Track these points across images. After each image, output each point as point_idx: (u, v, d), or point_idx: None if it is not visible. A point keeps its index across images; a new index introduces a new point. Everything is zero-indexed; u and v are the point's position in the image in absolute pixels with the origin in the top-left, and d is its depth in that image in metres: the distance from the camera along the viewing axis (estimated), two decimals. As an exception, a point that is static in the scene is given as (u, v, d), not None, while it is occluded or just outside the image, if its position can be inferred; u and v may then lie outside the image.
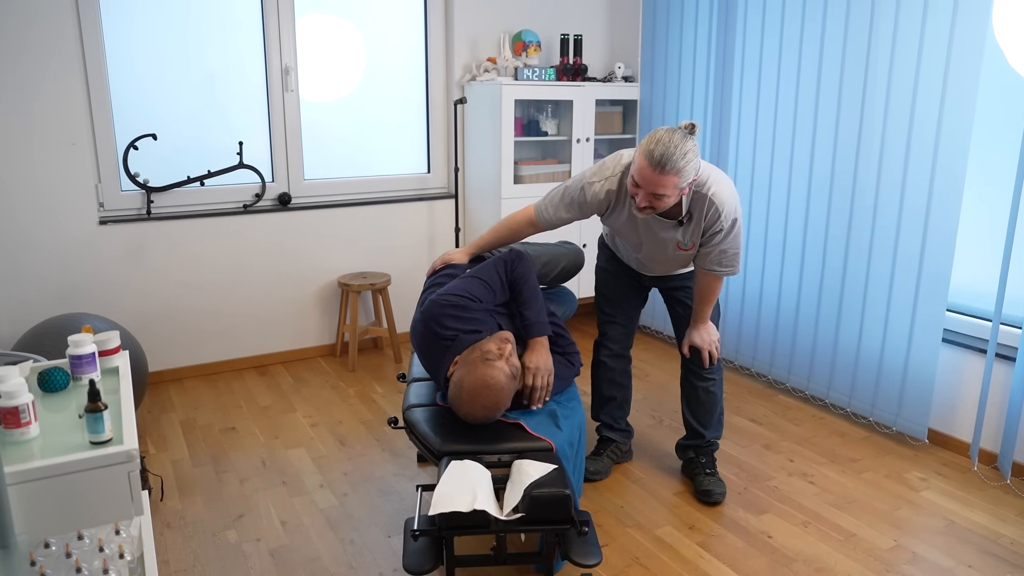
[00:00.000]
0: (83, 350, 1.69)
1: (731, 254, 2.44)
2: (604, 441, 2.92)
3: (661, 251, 2.53)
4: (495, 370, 2.10)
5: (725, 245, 2.42)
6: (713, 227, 2.38)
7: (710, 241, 2.42)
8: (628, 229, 2.52)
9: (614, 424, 2.91)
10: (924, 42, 2.88)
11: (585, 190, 2.45)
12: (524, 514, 1.89)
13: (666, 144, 2.15)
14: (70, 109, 3.31)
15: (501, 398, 2.12)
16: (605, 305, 2.85)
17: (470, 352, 2.17)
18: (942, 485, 2.80)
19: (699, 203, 2.35)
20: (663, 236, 2.46)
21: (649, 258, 2.61)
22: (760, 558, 2.35)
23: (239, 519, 2.57)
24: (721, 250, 2.43)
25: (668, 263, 2.61)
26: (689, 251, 2.49)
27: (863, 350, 3.28)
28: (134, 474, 1.37)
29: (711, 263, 2.47)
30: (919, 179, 2.96)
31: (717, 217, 2.34)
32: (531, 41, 4.22)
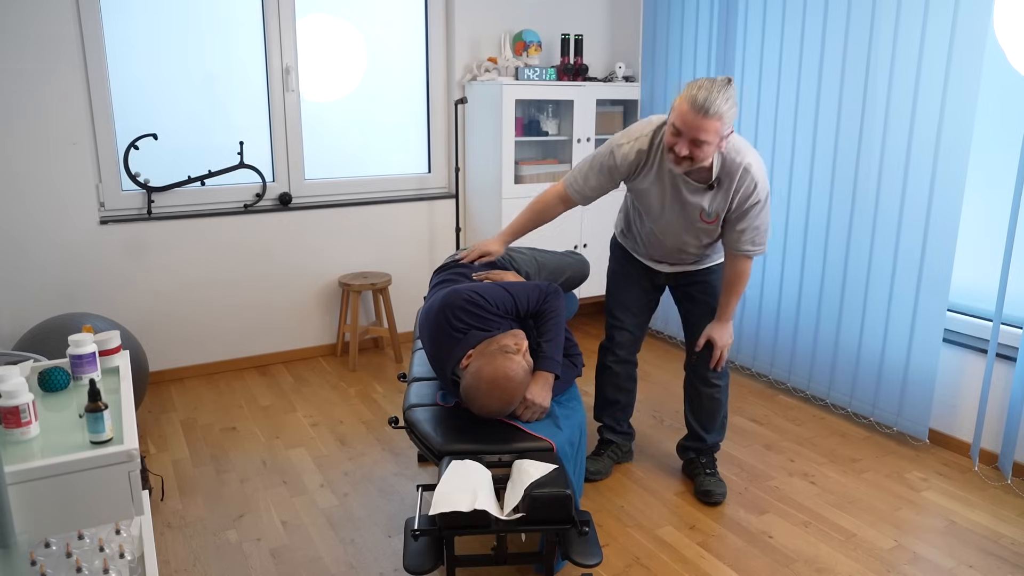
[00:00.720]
0: (83, 350, 1.69)
1: (763, 231, 2.39)
2: (605, 443, 2.91)
3: (682, 222, 2.44)
4: (514, 363, 2.12)
5: (759, 220, 2.36)
6: (750, 199, 2.32)
7: (745, 216, 2.35)
8: (654, 193, 2.43)
9: (616, 427, 2.89)
10: (925, 42, 2.88)
11: (615, 153, 2.43)
12: (524, 514, 1.89)
13: (708, 89, 2.14)
14: (71, 109, 3.31)
15: (518, 392, 2.13)
16: (616, 309, 2.77)
17: (487, 345, 2.18)
18: (943, 485, 2.80)
19: (732, 171, 2.29)
20: (690, 201, 2.38)
21: (667, 230, 2.50)
22: (761, 558, 2.34)
23: (240, 519, 2.57)
24: (755, 227, 2.37)
25: (686, 240, 2.50)
26: (711, 225, 2.40)
27: (864, 350, 3.27)
28: (134, 474, 1.37)
29: (745, 243, 2.40)
30: (920, 179, 2.96)
31: (753, 188, 2.30)
32: (532, 41, 4.22)
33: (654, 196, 2.46)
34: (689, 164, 2.21)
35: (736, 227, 2.39)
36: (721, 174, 2.31)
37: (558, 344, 2.32)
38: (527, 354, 2.20)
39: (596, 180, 2.49)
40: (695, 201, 2.38)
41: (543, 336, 2.33)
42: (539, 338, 2.34)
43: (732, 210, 2.36)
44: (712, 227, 2.42)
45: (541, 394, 2.24)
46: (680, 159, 2.22)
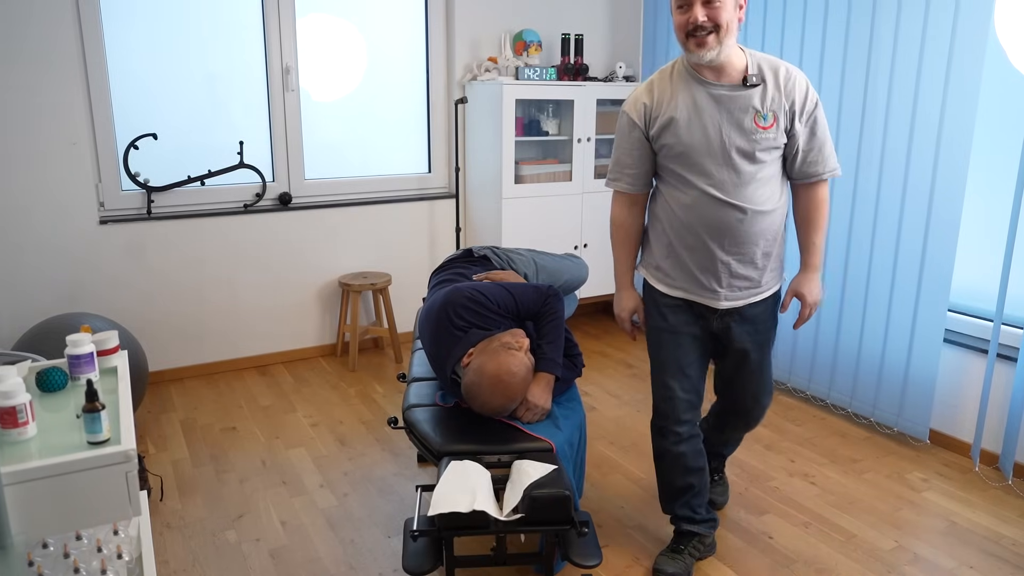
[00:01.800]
0: (81, 350, 1.68)
1: (831, 144, 2.07)
2: (683, 535, 2.30)
3: (734, 137, 1.97)
4: (517, 359, 2.12)
5: (821, 130, 2.03)
6: (808, 96, 1.99)
7: (816, 121, 2.02)
8: (685, 117, 1.99)
9: (694, 515, 2.28)
10: (926, 41, 2.87)
11: (626, 113, 2.11)
12: (524, 515, 1.89)
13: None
14: (70, 109, 3.31)
15: (520, 388, 2.13)
16: (666, 376, 2.19)
17: (488, 343, 2.18)
18: (943, 486, 2.80)
19: (773, 66, 1.98)
20: (737, 107, 1.96)
21: (719, 167, 1.99)
22: (761, 559, 2.34)
23: (239, 519, 2.56)
24: (823, 138, 2.03)
25: (751, 165, 1.98)
26: (769, 131, 1.96)
27: (864, 350, 3.27)
28: (132, 474, 1.36)
29: (827, 158, 2.05)
30: (920, 178, 2.96)
31: (806, 84, 1.99)
32: (532, 41, 4.21)
33: (690, 120, 1.99)
34: (715, 41, 1.88)
35: (812, 139, 2.02)
36: (759, 72, 1.97)
37: (558, 346, 2.31)
38: (528, 353, 2.20)
39: (628, 155, 2.12)
40: (743, 105, 1.97)
41: (544, 337, 2.33)
42: (539, 339, 2.33)
43: (797, 113, 1.99)
44: (772, 136, 1.97)
45: (542, 395, 2.23)
46: (698, 31, 1.87)
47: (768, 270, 2.11)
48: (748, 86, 1.96)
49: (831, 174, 2.07)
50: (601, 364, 4.04)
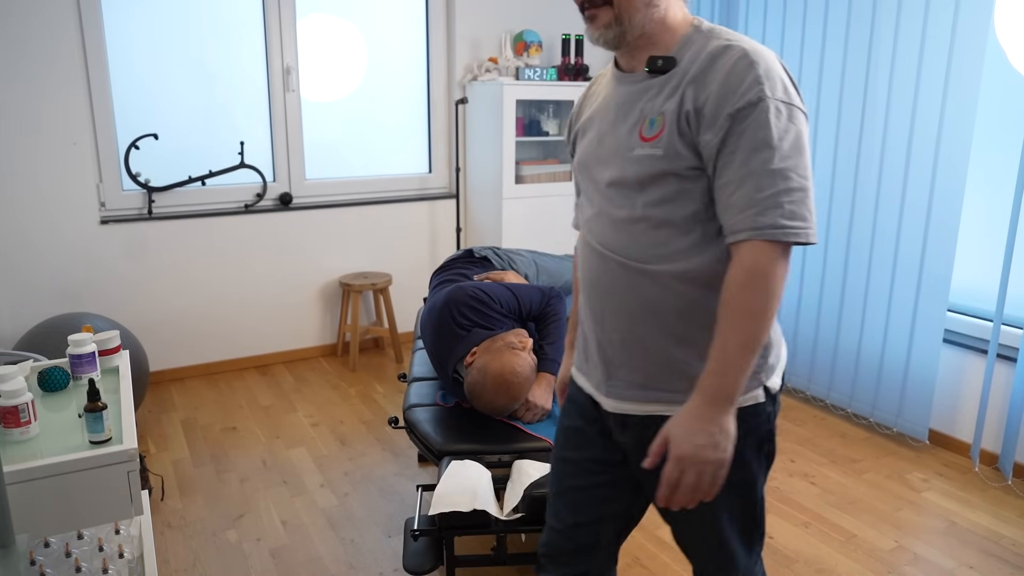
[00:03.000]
0: (83, 349, 1.69)
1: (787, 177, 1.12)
2: None
3: (615, 157, 1.27)
4: (520, 359, 2.13)
5: (749, 154, 1.12)
6: (729, 97, 1.13)
7: (736, 143, 1.13)
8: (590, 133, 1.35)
9: None
10: (925, 42, 2.87)
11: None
12: (524, 514, 1.89)
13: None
14: (71, 109, 3.31)
15: (524, 388, 2.14)
16: (553, 489, 1.47)
17: (492, 342, 2.19)
18: (943, 486, 2.80)
19: (701, 47, 1.20)
20: (625, 107, 1.27)
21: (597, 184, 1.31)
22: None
23: (240, 519, 2.57)
24: (753, 171, 1.12)
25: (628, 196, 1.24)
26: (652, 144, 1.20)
27: (864, 350, 3.27)
28: (133, 474, 1.37)
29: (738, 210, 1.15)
30: (920, 178, 2.96)
31: (743, 80, 1.13)
32: (532, 41, 4.22)
33: (587, 127, 1.37)
34: (609, 16, 1.22)
35: (728, 166, 1.15)
36: (679, 51, 1.22)
37: (560, 347, 2.32)
38: (531, 353, 2.21)
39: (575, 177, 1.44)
40: (632, 104, 1.26)
41: (545, 338, 2.33)
42: (541, 340, 2.34)
43: (704, 117, 1.16)
44: (656, 152, 1.20)
45: (543, 396, 2.24)
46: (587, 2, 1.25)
47: (685, 369, 1.25)
48: (650, 73, 1.24)
49: (757, 235, 1.12)
50: (601, 364, 4.04)
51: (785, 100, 1.14)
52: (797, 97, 1.18)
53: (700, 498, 1.17)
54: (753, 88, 1.13)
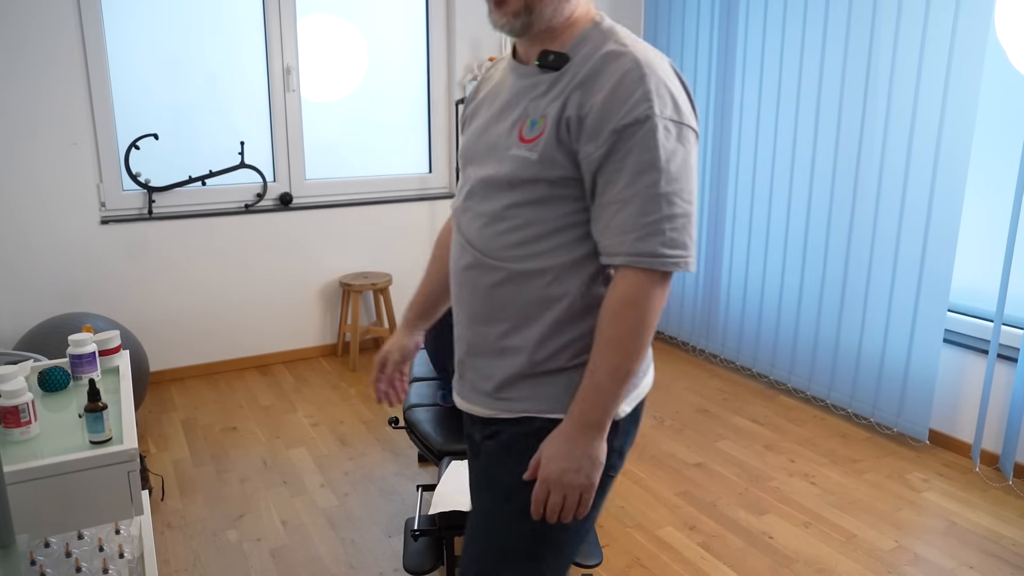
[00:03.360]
0: (83, 349, 1.69)
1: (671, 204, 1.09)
2: None
3: (491, 150, 1.22)
4: None
5: (633, 177, 1.08)
6: (615, 111, 1.08)
7: (620, 163, 1.09)
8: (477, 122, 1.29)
9: None
10: (926, 41, 2.87)
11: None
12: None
13: None
14: (72, 109, 3.31)
15: None
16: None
17: None
18: (943, 486, 2.80)
19: (593, 49, 1.15)
20: (511, 102, 1.22)
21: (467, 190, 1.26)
22: (761, 559, 2.34)
23: (240, 519, 2.57)
24: (635, 195, 1.08)
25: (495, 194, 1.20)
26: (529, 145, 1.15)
27: (864, 350, 3.27)
28: (134, 474, 1.37)
29: (613, 234, 1.12)
30: (921, 178, 2.96)
31: (632, 94, 1.08)
32: (532, 41, 4.22)
33: (475, 114, 1.32)
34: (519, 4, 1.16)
35: (609, 187, 1.11)
36: (573, 47, 1.17)
37: None
38: None
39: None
40: (519, 99, 1.21)
41: None
42: None
43: (586, 128, 1.11)
44: (530, 155, 1.15)
45: None
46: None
47: (520, 376, 1.22)
48: (541, 68, 1.19)
49: (633, 262, 1.10)
50: (601, 364, 4.04)
51: (675, 119, 1.10)
52: (690, 114, 1.13)
53: (567, 518, 1.18)
54: (641, 104, 1.07)
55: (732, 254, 3.90)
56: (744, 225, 3.80)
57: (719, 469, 2.90)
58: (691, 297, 4.21)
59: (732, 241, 3.89)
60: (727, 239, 3.92)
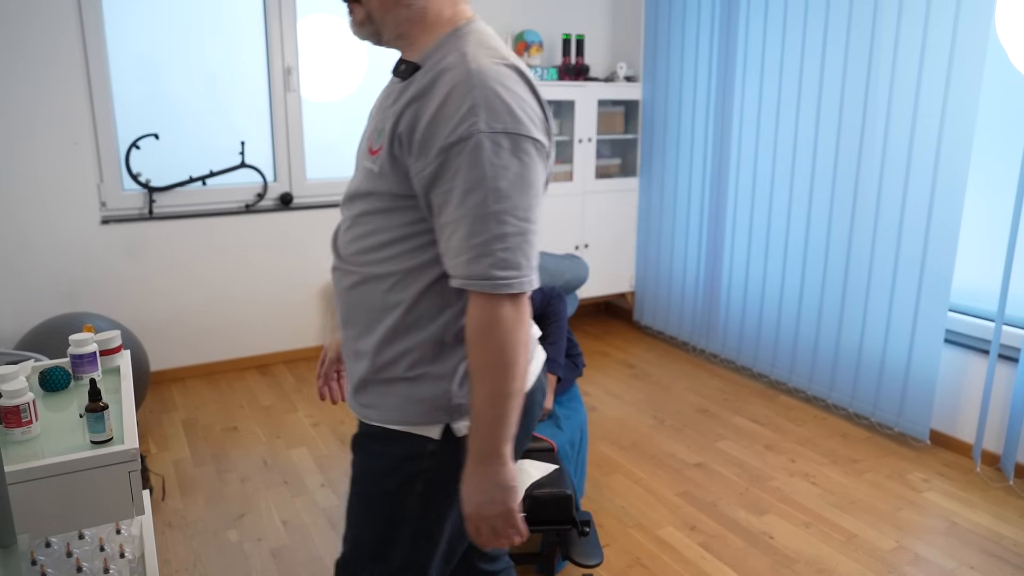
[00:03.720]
0: (84, 349, 1.68)
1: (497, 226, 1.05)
2: None
3: (358, 161, 1.30)
4: None
5: (480, 194, 1.04)
6: (438, 128, 1.06)
7: (451, 184, 1.07)
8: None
9: None
10: (927, 41, 2.87)
11: None
12: (525, 514, 1.89)
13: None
14: (72, 109, 3.31)
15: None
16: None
17: None
18: (944, 486, 2.80)
19: (444, 55, 1.13)
20: (377, 108, 1.31)
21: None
22: (762, 559, 2.34)
23: (240, 518, 2.57)
24: (466, 216, 1.05)
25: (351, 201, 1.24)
26: (372, 158, 1.18)
27: (865, 350, 3.27)
28: (135, 473, 1.37)
29: (460, 251, 1.08)
30: (921, 178, 2.96)
31: (462, 104, 1.05)
32: (533, 41, 4.21)
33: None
34: (361, 13, 1.19)
35: (443, 208, 1.09)
36: (427, 56, 1.16)
37: (560, 347, 2.32)
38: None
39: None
40: (380, 109, 1.26)
41: (546, 339, 2.33)
42: (541, 340, 2.34)
43: (408, 143, 1.10)
44: (372, 169, 1.17)
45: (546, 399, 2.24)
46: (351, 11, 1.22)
47: (367, 381, 1.23)
48: (394, 76, 1.22)
49: (468, 285, 1.08)
50: (602, 364, 4.04)
51: (508, 130, 1.04)
52: (531, 124, 1.07)
53: (504, 544, 1.17)
54: (467, 120, 1.03)
55: (732, 254, 3.90)
56: (744, 224, 3.80)
57: (719, 469, 2.90)
58: (691, 297, 4.21)
59: (732, 241, 3.89)
60: (727, 239, 3.92)
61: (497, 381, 1.09)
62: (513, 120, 1.05)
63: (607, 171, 4.53)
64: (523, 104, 1.08)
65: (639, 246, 4.57)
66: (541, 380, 1.29)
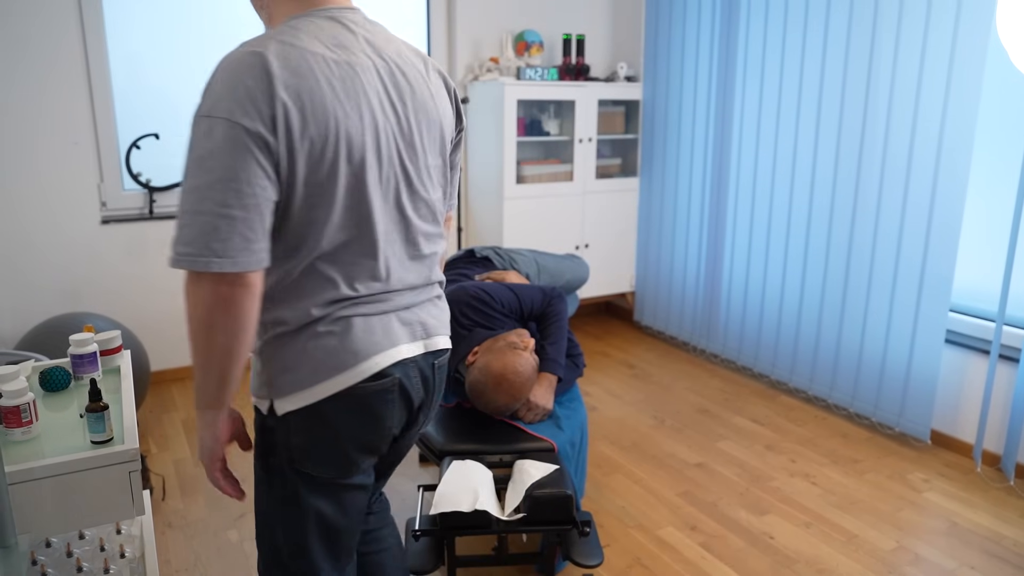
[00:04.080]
0: (84, 349, 1.68)
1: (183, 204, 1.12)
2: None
3: None
4: (522, 358, 2.13)
5: (184, 173, 1.13)
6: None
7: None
8: None
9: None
10: (928, 41, 2.87)
11: None
12: (526, 514, 1.89)
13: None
14: (73, 108, 3.31)
15: (526, 388, 2.14)
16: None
17: (494, 342, 2.19)
18: (945, 486, 2.80)
19: None
20: None
21: None
22: (762, 559, 2.34)
23: (240, 518, 2.56)
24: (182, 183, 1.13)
25: None
26: None
27: (866, 350, 3.27)
28: (135, 474, 1.37)
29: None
30: (922, 178, 2.96)
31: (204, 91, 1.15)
32: (533, 41, 4.21)
33: None
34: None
35: None
36: None
37: (561, 347, 2.32)
38: (533, 353, 2.21)
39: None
40: None
41: (547, 338, 2.33)
42: (542, 340, 2.34)
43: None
44: None
45: (544, 396, 2.24)
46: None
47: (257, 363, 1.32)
48: None
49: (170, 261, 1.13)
50: (602, 364, 4.04)
51: (210, 114, 1.10)
52: (233, 106, 1.09)
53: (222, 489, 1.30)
54: (199, 103, 1.14)
55: (733, 253, 3.90)
56: (745, 224, 3.80)
57: (720, 469, 2.90)
58: (691, 297, 4.21)
59: (733, 240, 3.89)
60: (728, 238, 3.92)
61: (196, 349, 1.16)
62: (214, 104, 1.10)
63: (607, 171, 4.53)
64: (239, 88, 1.10)
65: (639, 246, 4.57)
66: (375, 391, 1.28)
